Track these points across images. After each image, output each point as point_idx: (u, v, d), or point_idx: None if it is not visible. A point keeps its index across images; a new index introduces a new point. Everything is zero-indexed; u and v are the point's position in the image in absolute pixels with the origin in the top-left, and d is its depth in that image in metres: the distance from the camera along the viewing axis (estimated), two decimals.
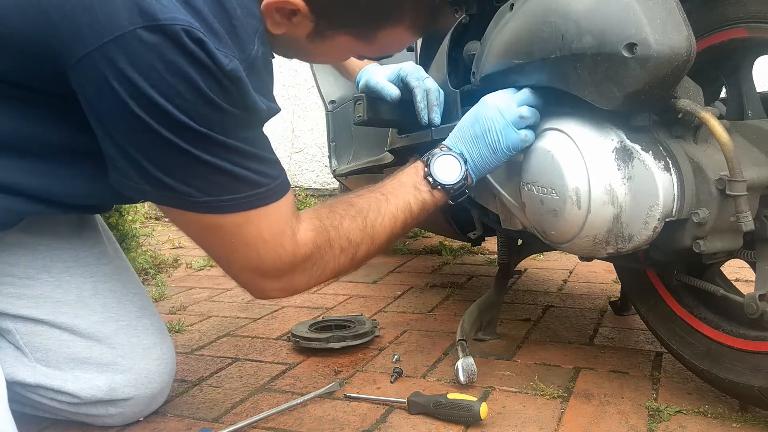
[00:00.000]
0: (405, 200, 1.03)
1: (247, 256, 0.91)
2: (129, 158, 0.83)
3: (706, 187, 0.91)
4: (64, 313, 1.04)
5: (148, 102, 0.77)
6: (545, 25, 0.95)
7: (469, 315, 1.34)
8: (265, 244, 0.90)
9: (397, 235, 1.03)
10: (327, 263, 0.97)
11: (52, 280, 1.04)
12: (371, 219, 1.00)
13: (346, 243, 0.97)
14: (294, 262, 0.93)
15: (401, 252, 2.41)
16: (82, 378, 1.05)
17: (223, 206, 0.86)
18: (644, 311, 1.19)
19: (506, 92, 1.05)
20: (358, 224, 0.99)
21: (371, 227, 0.99)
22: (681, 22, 0.84)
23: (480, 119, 1.04)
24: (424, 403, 1.07)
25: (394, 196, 1.03)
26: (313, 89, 3.34)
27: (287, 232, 0.92)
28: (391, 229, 1.01)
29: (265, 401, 1.16)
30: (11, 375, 1.04)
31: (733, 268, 1.68)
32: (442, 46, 1.29)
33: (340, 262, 0.98)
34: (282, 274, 0.94)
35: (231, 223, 0.88)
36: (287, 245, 0.92)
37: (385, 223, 1.01)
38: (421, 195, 1.04)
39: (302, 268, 0.95)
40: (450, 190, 1.04)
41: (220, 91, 0.80)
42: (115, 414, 1.07)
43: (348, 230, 0.98)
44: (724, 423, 1.01)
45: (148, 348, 1.09)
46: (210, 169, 0.83)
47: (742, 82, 1.01)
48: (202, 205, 0.85)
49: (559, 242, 1.03)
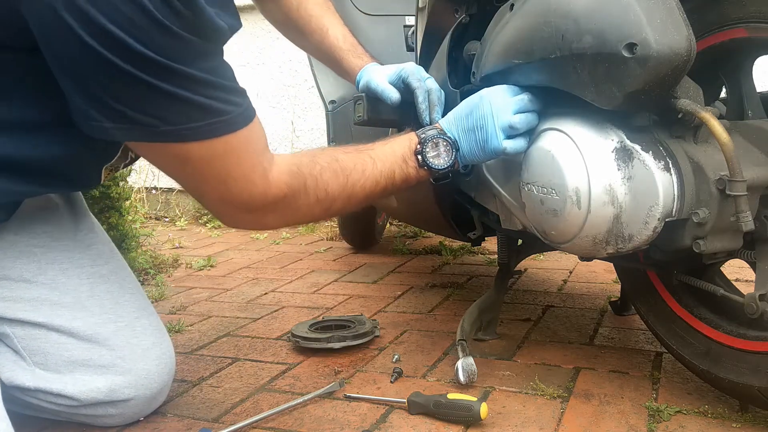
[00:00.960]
0: (391, 168, 1.04)
1: (217, 189, 0.92)
2: (87, 94, 0.80)
3: (706, 187, 0.91)
4: (62, 316, 1.04)
5: (100, 30, 0.74)
6: (545, 25, 0.95)
7: (469, 315, 1.34)
8: (235, 181, 0.91)
9: (375, 198, 1.06)
10: (300, 208, 0.98)
11: (48, 283, 1.04)
12: (353, 178, 1.01)
13: (323, 194, 0.98)
14: (265, 201, 0.94)
15: (401, 252, 2.41)
16: (82, 380, 1.04)
17: (187, 134, 0.84)
18: (644, 311, 1.19)
19: (505, 93, 1.04)
20: (339, 180, 1.00)
21: (351, 186, 1.01)
22: (681, 22, 0.84)
23: (474, 113, 1.05)
24: (424, 403, 1.07)
25: (381, 162, 1.04)
26: (313, 89, 3.34)
27: (257, 169, 0.92)
28: (370, 191, 1.03)
29: (265, 401, 1.16)
30: (10, 379, 1.03)
31: (733, 268, 1.68)
32: (442, 46, 1.29)
33: (314, 211, 1.00)
34: (253, 209, 0.95)
35: (198, 154, 0.87)
36: (258, 183, 0.92)
37: (365, 185, 1.02)
38: (407, 168, 1.05)
39: (273, 207, 0.95)
40: (436, 172, 1.06)
41: (172, 14, 0.76)
42: (115, 414, 1.07)
43: (327, 183, 0.98)
44: (724, 423, 1.01)
45: (147, 348, 1.09)
46: (169, 98, 0.81)
47: (742, 82, 1.01)
48: (165, 135, 0.84)
49: (559, 242, 1.03)
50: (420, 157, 1.05)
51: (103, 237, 1.17)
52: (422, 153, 1.05)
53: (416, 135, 1.07)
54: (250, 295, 1.91)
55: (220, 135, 0.86)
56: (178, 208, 3.63)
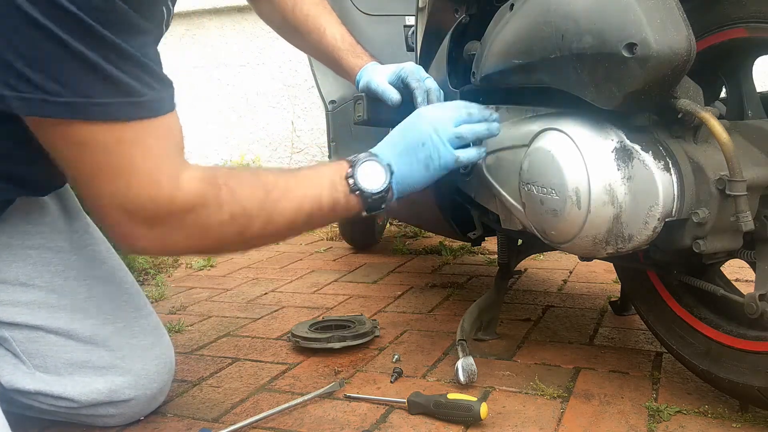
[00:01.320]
0: (317, 192, 0.94)
1: (115, 185, 0.79)
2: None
3: (706, 187, 0.91)
4: (60, 318, 1.03)
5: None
6: (545, 25, 0.95)
7: (469, 315, 1.34)
8: (138, 176, 0.79)
9: (298, 227, 0.94)
10: (211, 225, 0.85)
11: (45, 286, 1.03)
12: (274, 196, 0.90)
13: (239, 210, 0.86)
14: (170, 207, 0.81)
15: (401, 252, 2.41)
16: (82, 382, 1.04)
17: (91, 109, 0.75)
18: (644, 311, 1.19)
19: (443, 107, 1.05)
20: (258, 196, 0.88)
21: (272, 204, 0.89)
22: (681, 22, 0.84)
23: (412, 132, 1.01)
24: (424, 403, 1.07)
25: (307, 183, 0.94)
26: (313, 89, 3.35)
27: (165, 167, 0.81)
28: (293, 215, 0.92)
29: (265, 401, 1.16)
30: (10, 383, 1.03)
31: (733, 268, 1.68)
32: (442, 46, 1.29)
33: (227, 230, 0.87)
34: (155, 221, 0.82)
35: (101, 137, 0.77)
36: (164, 183, 0.80)
37: (287, 207, 0.91)
38: (336, 194, 0.95)
39: (180, 219, 0.82)
40: (368, 198, 0.97)
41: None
42: (115, 414, 1.07)
43: (245, 198, 0.87)
44: (724, 423, 1.01)
45: (146, 349, 1.09)
46: (80, 62, 0.73)
47: (742, 82, 1.01)
48: (67, 107, 0.74)
49: (559, 242, 1.03)
50: (351, 180, 0.96)
51: (99, 236, 1.16)
52: (353, 176, 0.96)
53: (346, 160, 0.99)
54: (250, 295, 1.91)
55: (130, 118, 0.78)
56: None
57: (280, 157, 3.59)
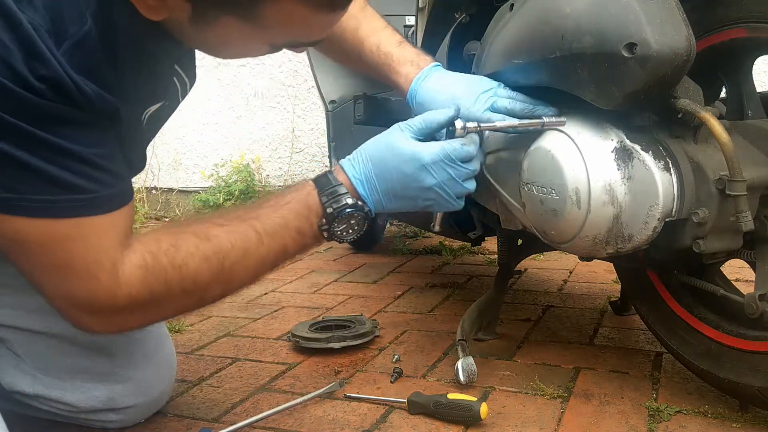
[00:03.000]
0: (282, 243, 0.87)
1: (56, 281, 0.77)
2: None
3: (706, 187, 0.91)
4: (61, 322, 1.02)
5: None
6: (545, 25, 0.95)
7: (469, 315, 1.34)
8: (76, 273, 0.76)
9: (265, 275, 0.90)
10: (163, 305, 0.83)
11: None
12: (231, 261, 0.84)
13: (191, 286, 0.82)
14: (113, 301, 0.78)
15: (401, 252, 2.40)
16: (82, 388, 1.04)
17: (25, 207, 0.71)
18: (644, 311, 1.19)
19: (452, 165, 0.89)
20: (212, 266, 0.83)
21: (229, 271, 0.84)
22: (681, 22, 0.84)
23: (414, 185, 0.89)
24: (424, 403, 1.07)
25: (270, 238, 0.86)
26: (313, 89, 3.34)
27: (105, 263, 0.77)
28: (255, 272, 0.87)
29: (265, 401, 1.16)
30: (11, 385, 1.03)
31: (733, 268, 1.68)
32: (442, 45, 1.29)
33: (183, 303, 0.85)
34: (99, 311, 0.80)
35: (37, 236, 0.73)
36: (104, 280, 0.77)
37: (248, 267, 0.86)
38: (303, 240, 0.88)
39: (126, 308, 0.80)
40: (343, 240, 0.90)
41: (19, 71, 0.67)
42: (115, 420, 1.07)
43: (195, 273, 0.82)
44: (724, 423, 1.01)
45: (147, 356, 1.08)
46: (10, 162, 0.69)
47: (742, 82, 1.01)
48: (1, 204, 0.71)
49: (559, 242, 1.03)
50: (326, 232, 0.88)
51: None
52: (330, 229, 0.88)
53: (319, 203, 0.87)
54: (250, 295, 1.91)
55: (69, 216, 0.73)
56: (178, 208, 3.63)
57: (280, 157, 3.59)
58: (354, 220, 0.89)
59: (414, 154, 0.88)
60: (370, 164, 0.90)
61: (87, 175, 0.74)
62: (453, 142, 0.90)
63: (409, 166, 0.88)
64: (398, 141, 0.90)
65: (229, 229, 0.85)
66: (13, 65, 0.67)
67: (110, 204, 0.77)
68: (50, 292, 0.79)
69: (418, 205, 0.91)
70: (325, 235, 0.89)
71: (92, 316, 0.80)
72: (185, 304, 0.85)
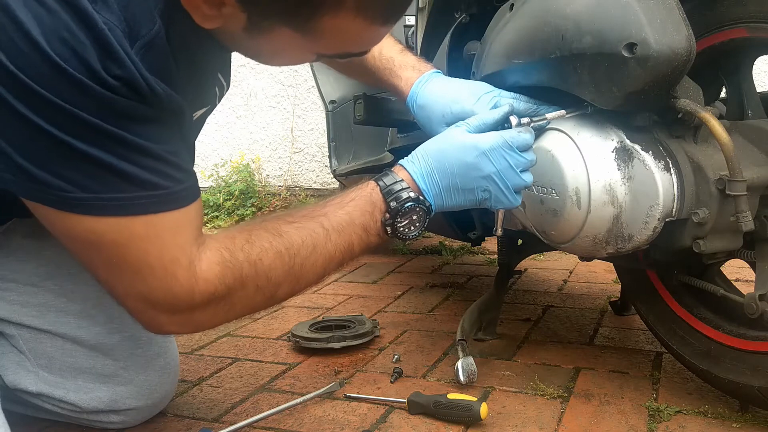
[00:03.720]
0: (348, 241, 0.87)
1: (131, 281, 0.76)
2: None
3: (706, 187, 0.91)
4: (67, 324, 1.03)
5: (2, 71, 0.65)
6: (545, 25, 0.95)
7: (469, 315, 1.34)
8: (152, 271, 0.75)
9: (330, 273, 0.90)
10: (237, 302, 0.83)
11: (55, 288, 1.03)
12: (301, 257, 0.84)
13: (265, 282, 0.82)
14: (191, 299, 0.78)
15: (401, 252, 2.40)
16: (84, 388, 1.04)
17: (103, 206, 0.71)
18: (644, 311, 1.19)
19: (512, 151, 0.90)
20: (284, 262, 0.83)
21: (299, 267, 0.84)
22: (681, 22, 0.84)
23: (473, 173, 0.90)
24: (424, 403, 1.07)
25: (337, 233, 0.86)
26: (313, 89, 3.35)
27: (182, 260, 0.76)
28: (323, 269, 0.87)
29: (265, 401, 1.16)
30: (14, 383, 1.03)
31: (733, 268, 1.68)
32: (442, 46, 1.29)
33: (255, 300, 0.84)
34: (177, 310, 0.79)
35: (113, 234, 0.73)
36: (182, 278, 0.76)
37: (317, 263, 0.86)
38: (369, 238, 0.89)
39: (204, 306, 0.79)
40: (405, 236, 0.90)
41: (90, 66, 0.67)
42: (117, 421, 1.08)
43: (269, 268, 0.82)
44: (724, 423, 1.01)
45: (150, 359, 1.08)
46: (84, 159, 0.69)
47: (742, 82, 1.01)
48: (75, 204, 0.71)
49: (559, 242, 1.03)
50: (389, 228, 0.89)
51: None
52: (393, 224, 0.89)
53: (383, 199, 0.89)
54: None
55: (144, 213, 0.73)
56: None
57: (280, 157, 3.59)
58: (416, 215, 0.89)
59: (474, 143, 0.90)
60: (431, 159, 0.91)
61: (159, 171, 0.74)
62: (510, 130, 0.92)
63: (469, 154, 0.90)
64: (457, 135, 0.92)
65: (298, 225, 0.85)
66: (89, 63, 0.67)
67: (183, 200, 0.77)
68: (124, 292, 0.78)
69: (476, 198, 0.91)
70: (389, 231, 0.89)
71: (168, 315, 0.79)
72: (256, 301, 0.84)
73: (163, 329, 0.83)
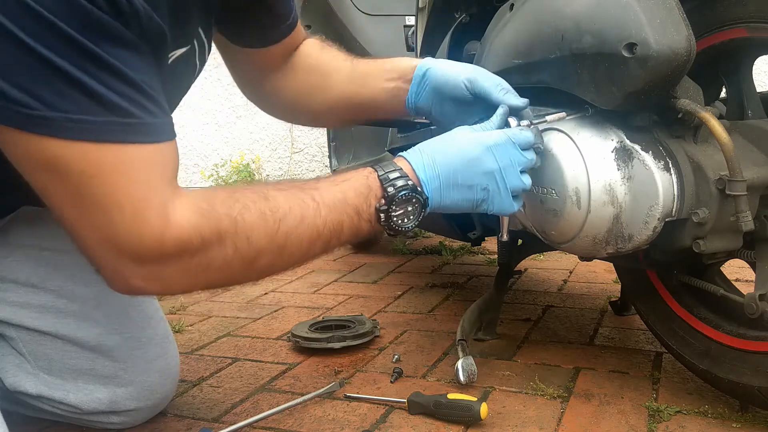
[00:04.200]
0: (338, 219, 0.81)
1: (97, 221, 0.69)
2: None
3: (706, 187, 0.91)
4: (67, 325, 1.02)
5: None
6: (545, 25, 0.95)
7: (469, 315, 1.34)
8: (121, 210, 0.68)
9: (313, 255, 0.82)
10: (213, 262, 0.74)
11: (56, 290, 1.02)
12: (287, 226, 0.77)
13: (244, 243, 0.74)
14: (161, 245, 0.70)
15: (401, 252, 2.40)
16: (84, 390, 1.04)
17: (71, 128, 0.65)
18: (644, 311, 1.19)
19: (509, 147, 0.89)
20: (268, 226, 0.76)
21: (284, 237, 0.77)
22: (681, 22, 0.84)
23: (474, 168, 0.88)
24: (424, 403, 1.07)
25: (328, 210, 0.80)
26: None
27: (154, 201, 0.69)
28: (309, 246, 0.80)
29: (265, 401, 1.16)
30: (14, 385, 1.03)
31: (733, 268, 1.68)
32: (442, 46, 1.29)
33: (232, 265, 0.75)
34: (145, 258, 0.71)
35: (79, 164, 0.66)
36: (152, 219, 0.69)
37: (303, 237, 0.78)
38: (360, 222, 0.83)
39: (175, 259, 0.71)
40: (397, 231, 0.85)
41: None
42: (117, 422, 1.07)
43: (250, 228, 0.75)
44: (724, 423, 1.01)
45: (150, 360, 1.08)
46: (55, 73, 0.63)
47: (742, 82, 1.01)
48: (41, 123, 0.64)
49: (559, 242, 1.03)
50: (383, 215, 0.83)
51: None
52: (387, 212, 0.83)
53: (380, 184, 0.84)
54: (250, 295, 1.91)
55: (114, 140, 0.67)
56: None
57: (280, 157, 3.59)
58: (411, 207, 0.85)
59: (478, 138, 0.89)
60: (433, 152, 0.88)
61: (134, 99, 0.68)
62: (513, 128, 0.91)
63: (473, 149, 0.88)
64: (462, 131, 0.91)
65: (288, 193, 0.79)
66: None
67: (158, 134, 0.71)
68: (87, 235, 0.71)
69: (474, 198, 0.88)
70: (382, 218, 0.84)
71: (135, 266, 0.71)
72: (234, 266, 0.76)
73: (128, 284, 0.73)
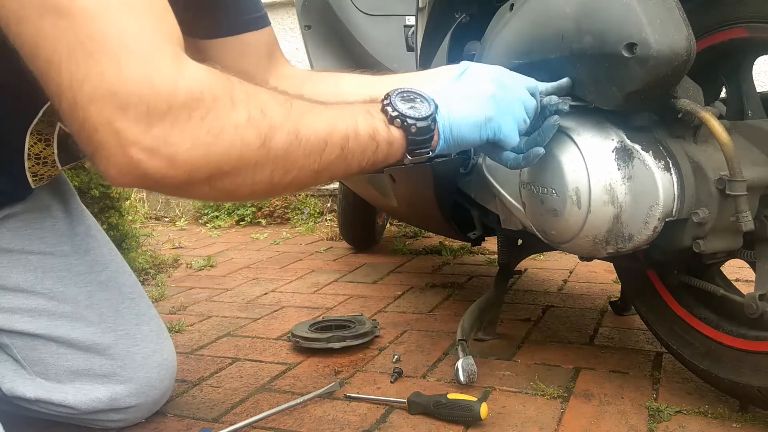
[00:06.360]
0: (352, 116, 0.76)
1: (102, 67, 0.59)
2: None
3: (706, 187, 0.91)
4: (60, 327, 1.03)
5: None
6: (545, 25, 0.95)
7: (469, 315, 1.34)
8: (129, 54, 0.60)
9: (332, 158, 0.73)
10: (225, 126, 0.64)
11: (46, 292, 1.03)
12: (299, 109, 0.71)
13: (258, 113, 0.67)
14: (173, 97, 0.61)
15: (401, 252, 2.41)
16: (83, 390, 1.04)
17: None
18: (644, 311, 1.19)
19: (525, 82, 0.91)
20: (280, 103, 0.70)
21: (297, 114, 0.70)
22: (681, 22, 0.84)
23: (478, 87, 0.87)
24: (424, 403, 1.07)
25: (338, 108, 0.76)
26: None
27: (165, 47, 0.62)
28: (325, 133, 0.72)
29: (265, 401, 1.16)
30: (11, 390, 1.03)
31: (733, 268, 1.68)
32: (442, 46, 1.29)
33: (244, 135, 0.65)
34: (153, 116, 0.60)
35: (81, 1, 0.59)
36: (164, 67, 0.61)
37: (317, 125, 0.72)
38: (373, 120, 0.77)
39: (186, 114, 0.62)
40: (411, 127, 0.78)
41: None
42: (117, 419, 1.08)
43: (264, 101, 0.69)
44: (724, 423, 1.01)
45: (147, 356, 1.08)
46: None
47: (742, 82, 1.01)
48: None
49: (559, 242, 1.03)
50: (388, 107, 0.79)
51: (102, 239, 1.14)
52: (390, 103, 0.79)
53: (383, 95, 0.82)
54: (250, 295, 1.91)
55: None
56: (178, 208, 3.63)
57: None
58: (418, 105, 0.80)
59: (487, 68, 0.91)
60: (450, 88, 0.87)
61: None
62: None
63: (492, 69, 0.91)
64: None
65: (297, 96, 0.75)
66: None
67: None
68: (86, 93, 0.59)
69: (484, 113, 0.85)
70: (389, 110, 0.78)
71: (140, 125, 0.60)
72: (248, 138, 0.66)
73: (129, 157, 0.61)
